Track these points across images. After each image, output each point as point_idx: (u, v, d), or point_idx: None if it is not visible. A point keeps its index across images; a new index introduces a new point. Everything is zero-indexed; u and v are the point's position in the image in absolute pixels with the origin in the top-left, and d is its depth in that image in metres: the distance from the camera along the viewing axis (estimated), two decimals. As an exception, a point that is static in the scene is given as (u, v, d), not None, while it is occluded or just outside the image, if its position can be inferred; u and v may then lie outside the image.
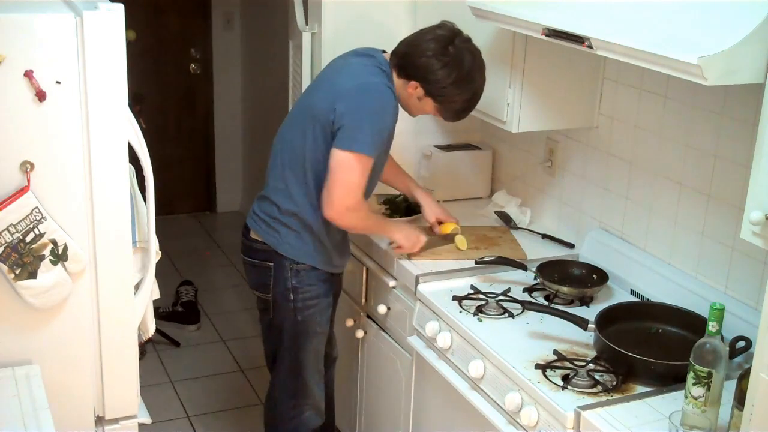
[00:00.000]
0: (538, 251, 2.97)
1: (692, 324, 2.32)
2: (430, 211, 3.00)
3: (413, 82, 2.64)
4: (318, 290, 2.80)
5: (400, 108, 2.74)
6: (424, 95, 2.66)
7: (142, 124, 2.22)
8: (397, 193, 3.21)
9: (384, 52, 2.73)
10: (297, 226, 2.72)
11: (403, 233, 2.83)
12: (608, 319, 2.38)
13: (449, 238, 2.96)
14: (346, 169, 2.57)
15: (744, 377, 1.84)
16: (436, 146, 3.45)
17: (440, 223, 2.98)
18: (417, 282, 2.75)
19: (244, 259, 2.89)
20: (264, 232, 2.77)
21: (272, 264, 2.77)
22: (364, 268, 3.09)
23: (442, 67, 2.60)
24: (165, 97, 5.80)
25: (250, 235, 2.82)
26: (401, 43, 2.70)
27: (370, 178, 2.69)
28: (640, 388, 2.18)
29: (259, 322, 2.99)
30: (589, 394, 2.16)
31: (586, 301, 2.65)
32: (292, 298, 2.77)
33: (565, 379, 2.22)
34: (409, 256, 2.85)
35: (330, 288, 2.86)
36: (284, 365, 2.88)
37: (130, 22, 2.22)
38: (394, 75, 2.68)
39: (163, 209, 4.50)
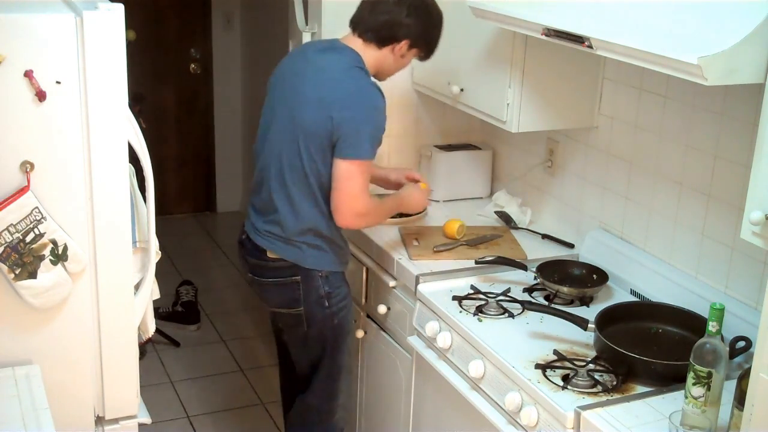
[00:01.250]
0: (538, 251, 2.97)
1: (692, 324, 2.32)
2: (396, 174, 3.04)
3: (402, 43, 2.67)
4: (345, 290, 2.82)
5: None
6: (408, 49, 2.70)
7: (142, 124, 2.22)
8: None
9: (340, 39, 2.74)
10: (315, 239, 2.70)
11: (412, 200, 2.91)
12: (608, 319, 2.38)
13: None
14: (350, 178, 2.58)
15: (744, 377, 1.84)
16: (436, 146, 3.46)
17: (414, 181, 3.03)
18: (417, 282, 2.75)
19: (261, 281, 2.81)
20: (284, 250, 2.71)
21: (299, 277, 2.72)
22: (364, 268, 3.09)
23: (417, 16, 2.66)
24: (165, 97, 5.80)
25: (267, 255, 2.75)
26: (368, 17, 2.67)
27: None
28: (640, 388, 2.18)
29: (283, 338, 2.94)
30: (589, 394, 2.16)
31: (586, 301, 2.65)
32: (327, 304, 2.75)
33: (565, 379, 2.22)
34: (408, 246, 2.86)
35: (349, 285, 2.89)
36: (324, 373, 2.85)
37: (130, 22, 2.22)
38: (373, 48, 2.67)
39: (163, 209, 4.49)
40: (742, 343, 2.22)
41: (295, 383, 2.99)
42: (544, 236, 3.07)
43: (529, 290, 2.72)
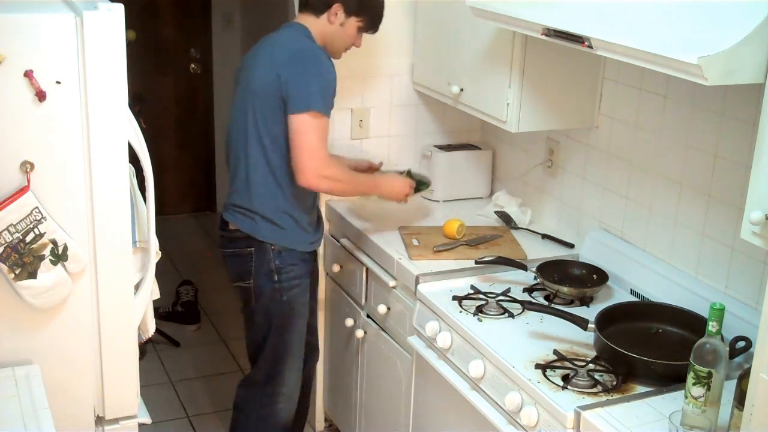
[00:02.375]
0: (538, 251, 2.97)
1: (692, 324, 2.32)
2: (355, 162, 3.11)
3: (334, 7, 2.73)
4: (300, 270, 2.85)
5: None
6: (346, 17, 2.76)
7: (142, 124, 2.22)
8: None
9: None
10: (271, 211, 2.77)
11: (388, 189, 2.95)
12: (608, 319, 2.38)
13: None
14: (303, 132, 2.64)
15: (744, 377, 1.84)
16: (436, 146, 3.46)
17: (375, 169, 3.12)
18: (417, 282, 2.75)
19: (223, 253, 2.93)
20: (241, 221, 2.82)
21: (253, 249, 2.80)
22: (364, 268, 3.09)
23: None
24: (165, 97, 5.80)
25: (228, 227, 2.86)
26: None
27: None
28: (640, 388, 2.18)
29: (241, 314, 3.02)
30: (589, 394, 2.16)
31: (586, 301, 2.65)
32: (276, 279, 2.81)
33: (565, 379, 2.22)
34: (408, 244, 2.86)
35: (309, 268, 2.92)
36: (270, 350, 2.91)
37: (130, 22, 2.22)
38: (313, 18, 2.76)
39: (163, 209, 4.48)
40: (742, 343, 2.22)
41: None
42: (544, 236, 3.07)
43: (529, 290, 2.72)
